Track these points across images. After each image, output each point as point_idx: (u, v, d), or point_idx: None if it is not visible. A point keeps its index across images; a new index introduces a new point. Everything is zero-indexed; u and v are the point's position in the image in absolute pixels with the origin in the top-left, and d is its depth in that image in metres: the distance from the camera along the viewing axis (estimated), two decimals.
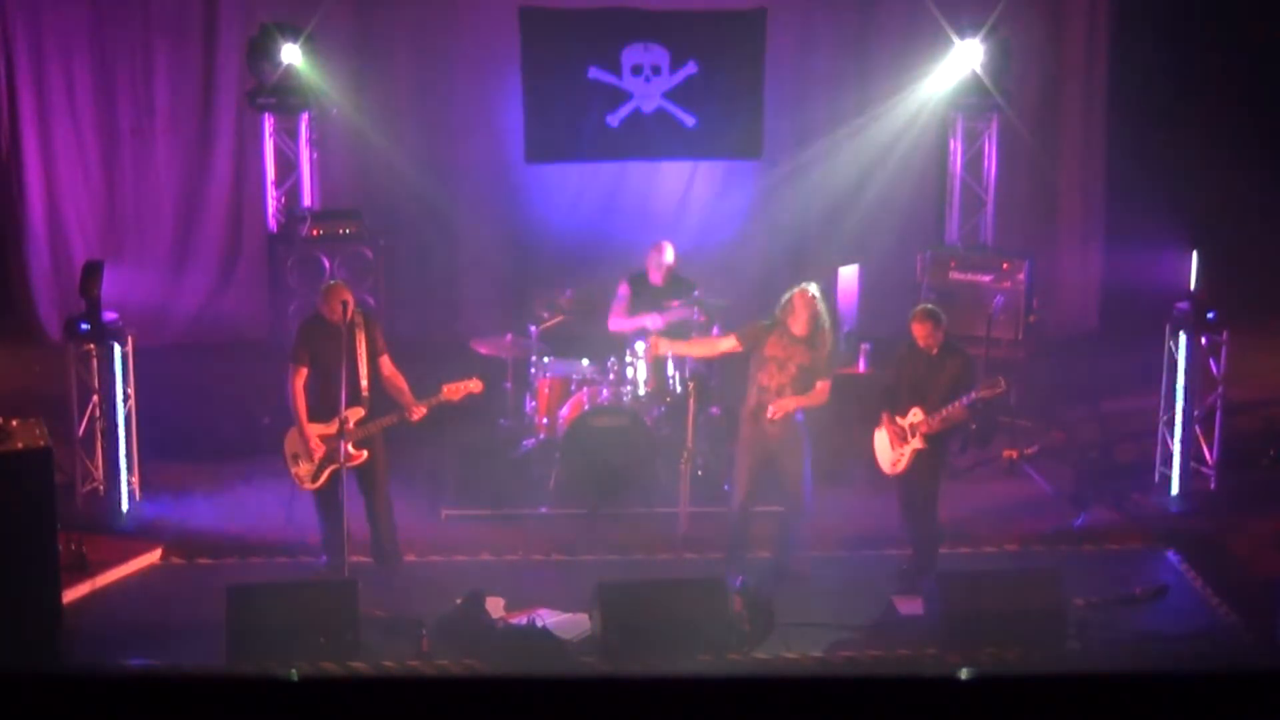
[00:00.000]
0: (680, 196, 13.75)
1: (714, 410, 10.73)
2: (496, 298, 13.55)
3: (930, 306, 9.33)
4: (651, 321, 10.70)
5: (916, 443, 9.04)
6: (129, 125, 13.45)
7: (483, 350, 11.00)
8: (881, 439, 9.24)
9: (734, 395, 9.88)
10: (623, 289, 11.03)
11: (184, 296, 13.65)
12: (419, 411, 8.99)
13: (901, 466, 9.15)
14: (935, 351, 9.07)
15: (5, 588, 8.00)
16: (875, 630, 8.81)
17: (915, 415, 9.02)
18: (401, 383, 9.05)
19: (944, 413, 8.95)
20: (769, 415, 9.06)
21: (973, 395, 8.92)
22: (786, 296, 9.11)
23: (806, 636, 8.61)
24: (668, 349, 9.85)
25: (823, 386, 9.14)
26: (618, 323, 10.96)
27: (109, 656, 8.34)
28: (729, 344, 9.41)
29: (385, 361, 9.06)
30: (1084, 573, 9.28)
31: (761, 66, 13.22)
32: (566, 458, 10.33)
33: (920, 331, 9.06)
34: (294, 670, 6.96)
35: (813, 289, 9.10)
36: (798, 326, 9.02)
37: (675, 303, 10.78)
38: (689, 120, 13.30)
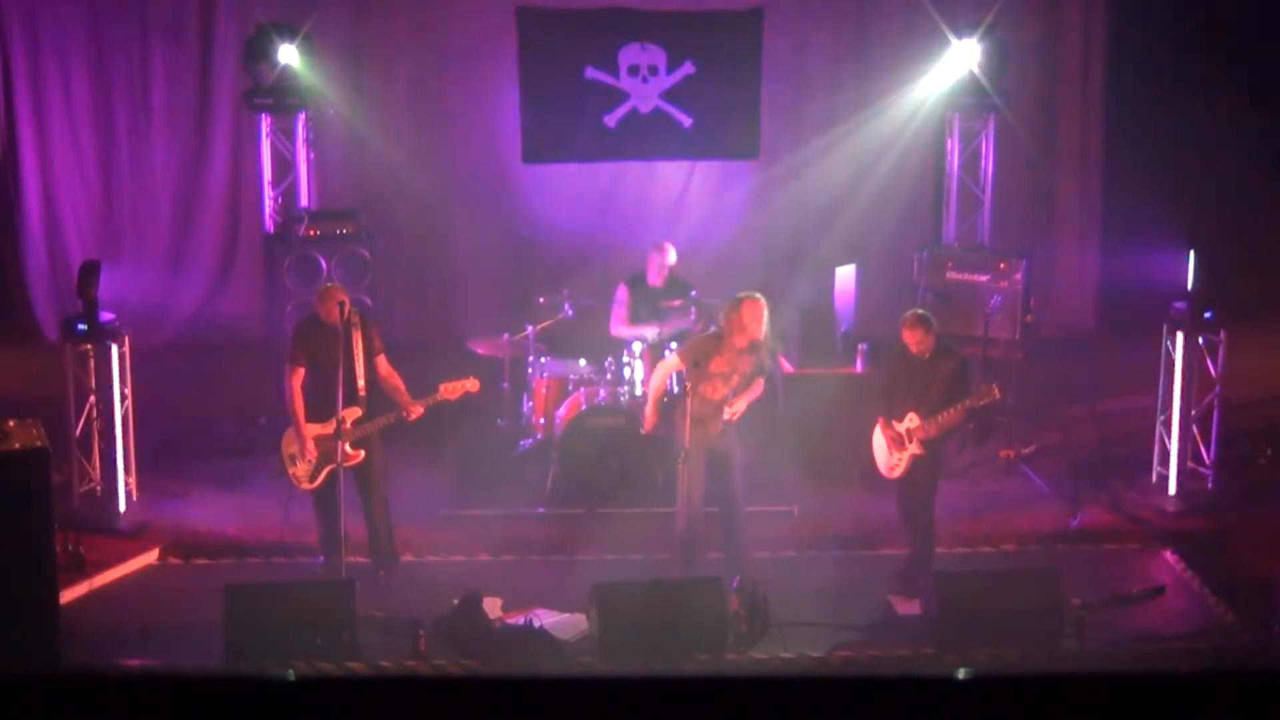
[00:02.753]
0: (677, 197, 13.76)
1: None
2: (494, 297, 13.54)
3: (919, 312, 9.25)
4: (651, 332, 10.71)
5: (914, 448, 9.01)
6: (126, 125, 13.45)
7: (480, 350, 11.00)
8: (880, 442, 9.22)
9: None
10: (621, 292, 11.03)
11: (181, 296, 13.67)
12: (416, 411, 8.99)
13: (899, 471, 9.14)
14: (928, 356, 9.04)
15: (3, 588, 7.99)
16: (873, 630, 8.79)
17: (911, 420, 9.00)
18: (398, 382, 9.04)
19: (940, 419, 8.93)
20: (727, 418, 8.99)
21: (967, 404, 8.91)
22: (732, 309, 8.87)
23: (804, 636, 8.59)
24: (655, 390, 9.38)
25: (760, 380, 9.12)
26: (619, 328, 10.96)
27: (106, 657, 8.32)
28: (674, 363, 9.24)
29: (382, 361, 9.06)
30: (1081, 572, 9.27)
31: (758, 66, 13.22)
32: (564, 458, 10.33)
33: (911, 339, 9.00)
34: (291, 670, 6.96)
35: (761, 297, 8.90)
36: (742, 340, 8.87)
37: (676, 302, 10.80)
38: (686, 120, 13.30)
